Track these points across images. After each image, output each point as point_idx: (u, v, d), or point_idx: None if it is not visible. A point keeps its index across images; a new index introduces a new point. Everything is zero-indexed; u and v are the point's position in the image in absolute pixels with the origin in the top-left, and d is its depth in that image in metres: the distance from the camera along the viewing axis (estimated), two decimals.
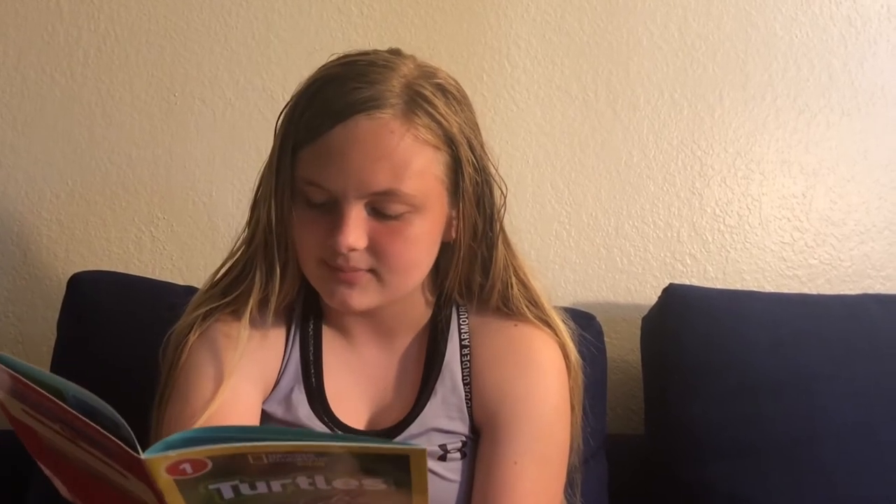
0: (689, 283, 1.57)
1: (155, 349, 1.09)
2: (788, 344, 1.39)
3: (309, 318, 1.09)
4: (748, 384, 1.37)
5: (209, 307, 1.05)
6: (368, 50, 1.03)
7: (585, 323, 1.37)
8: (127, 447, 0.64)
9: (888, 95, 1.61)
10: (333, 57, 1.02)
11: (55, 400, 0.67)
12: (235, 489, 0.66)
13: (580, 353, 1.12)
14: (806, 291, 1.60)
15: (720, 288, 1.55)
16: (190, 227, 1.61)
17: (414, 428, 1.05)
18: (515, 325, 1.08)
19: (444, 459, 1.04)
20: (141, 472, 0.65)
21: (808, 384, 1.36)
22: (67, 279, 1.45)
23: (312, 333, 1.09)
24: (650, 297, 1.56)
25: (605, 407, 1.44)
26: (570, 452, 1.09)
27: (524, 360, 1.06)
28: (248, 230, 1.06)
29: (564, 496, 1.11)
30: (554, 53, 1.60)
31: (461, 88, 1.03)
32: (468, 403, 1.06)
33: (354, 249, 0.96)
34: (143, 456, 0.64)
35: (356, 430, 1.06)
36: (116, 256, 1.62)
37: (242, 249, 1.06)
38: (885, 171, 1.62)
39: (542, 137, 1.61)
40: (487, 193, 1.03)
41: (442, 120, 0.98)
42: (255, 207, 1.04)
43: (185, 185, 1.61)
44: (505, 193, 1.06)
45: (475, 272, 1.07)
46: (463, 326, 1.09)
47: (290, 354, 1.08)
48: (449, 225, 1.03)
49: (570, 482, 1.12)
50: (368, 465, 0.66)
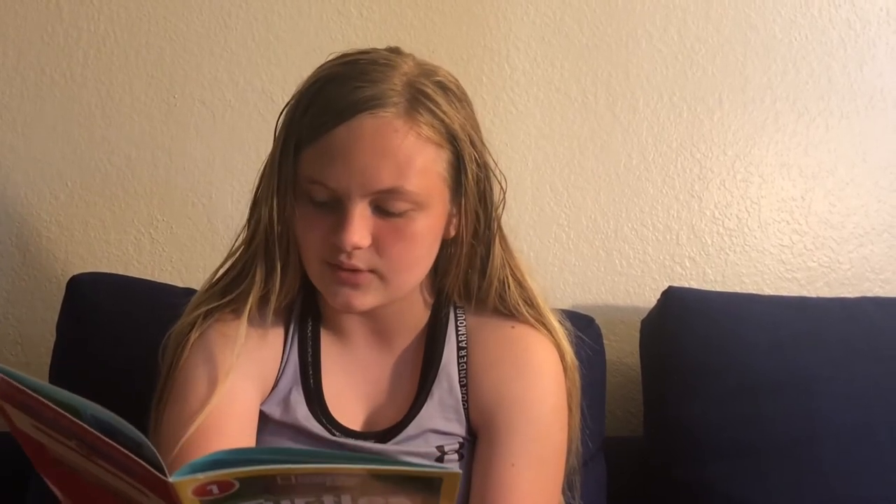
0: (688, 285, 1.58)
1: (154, 350, 1.09)
2: (787, 346, 1.39)
3: (307, 318, 1.09)
4: (747, 386, 1.37)
5: (209, 307, 1.05)
6: (368, 49, 1.03)
7: (584, 325, 1.38)
8: (153, 469, 0.63)
9: (887, 98, 1.61)
10: (333, 56, 1.03)
11: (74, 419, 0.66)
12: None
13: (577, 354, 1.12)
14: (805, 294, 1.60)
15: (719, 290, 1.55)
16: (189, 228, 1.61)
17: (411, 429, 1.05)
18: (512, 326, 1.08)
19: (441, 461, 1.04)
20: (165, 492, 0.64)
21: (807, 386, 1.36)
22: (67, 281, 1.44)
23: (311, 334, 1.09)
24: (649, 299, 1.56)
25: (604, 409, 1.44)
26: (568, 454, 1.09)
27: (521, 362, 1.06)
28: (248, 229, 1.06)
29: (563, 498, 1.11)
30: (553, 56, 1.60)
31: (461, 86, 1.04)
32: (465, 405, 1.06)
33: (359, 247, 0.96)
34: (170, 479, 0.63)
35: (354, 431, 1.06)
36: (116, 258, 1.62)
37: (242, 249, 1.06)
38: (884, 173, 1.62)
39: (541, 140, 1.61)
40: (489, 190, 1.04)
41: (444, 117, 0.98)
42: (255, 206, 1.04)
43: (184, 186, 1.61)
44: (505, 189, 1.06)
45: (473, 271, 1.07)
46: (461, 328, 1.09)
47: (288, 355, 1.08)
48: (448, 222, 1.03)
49: (569, 484, 1.12)
50: (397, 485, 0.66)
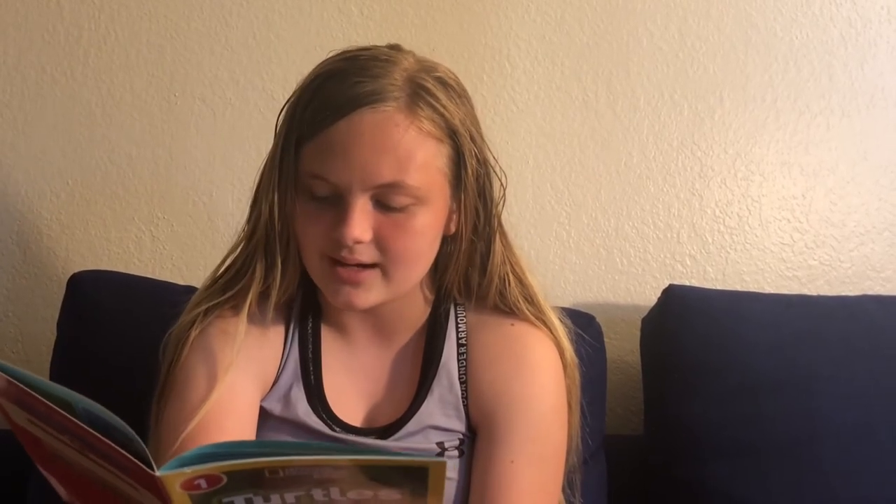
0: (688, 283, 1.57)
1: (155, 348, 1.09)
2: (788, 345, 1.39)
3: (308, 315, 1.09)
4: (748, 385, 1.37)
5: (209, 304, 1.05)
6: (368, 46, 1.03)
7: (585, 323, 1.37)
8: (141, 463, 0.64)
9: (888, 97, 1.61)
10: (333, 53, 1.03)
11: (66, 414, 0.66)
12: (249, 502, 0.66)
13: (577, 352, 1.12)
14: (806, 292, 1.60)
15: (720, 289, 1.55)
16: (190, 226, 1.61)
17: (411, 426, 1.05)
18: (512, 324, 1.08)
19: (441, 457, 1.04)
20: (154, 487, 0.64)
21: (807, 385, 1.36)
22: (67, 278, 1.45)
23: (311, 331, 1.09)
24: (650, 297, 1.56)
25: (604, 407, 1.44)
26: (568, 452, 1.09)
27: (520, 359, 1.06)
28: (248, 226, 1.06)
29: (563, 496, 1.11)
30: (554, 54, 1.60)
31: (461, 82, 1.04)
32: (464, 402, 1.06)
33: (360, 242, 0.96)
34: (158, 473, 0.63)
35: (354, 427, 1.07)
36: (116, 256, 1.62)
37: (242, 245, 1.06)
38: (885, 172, 1.61)
39: (541, 138, 1.61)
40: (488, 186, 1.04)
41: (444, 112, 0.98)
42: (255, 203, 1.04)
43: (185, 184, 1.61)
44: (505, 185, 1.07)
45: (473, 267, 1.07)
46: (461, 325, 1.09)
47: (289, 352, 1.08)
48: (449, 218, 1.04)
49: (569, 482, 1.12)
50: (385, 476, 0.66)
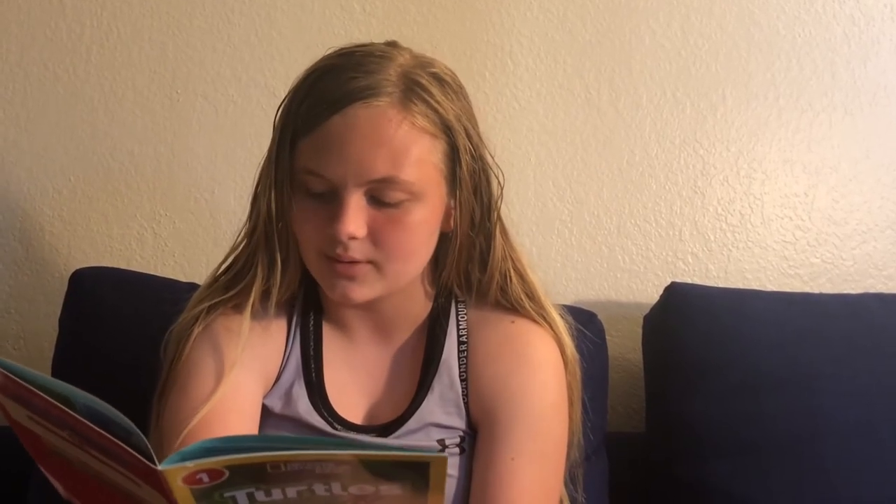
0: (690, 281, 1.57)
1: (157, 345, 1.09)
2: (790, 343, 1.39)
3: (309, 312, 1.09)
4: (749, 383, 1.37)
5: (212, 301, 1.06)
6: (365, 42, 1.03)
7: (587, 321, 1.37)
8: (142, 457, 0.64)
9: (891, 95, 1.61)
10: (331, 50, 1.03)
11: (65, 409, 0.66)
12: (250, 496, 0.66)
13: (578, 348, 1.12)
14: (808, 290, 1.60)
15: (722, 287, 1.55)
16: (192, 223, 1.61)
17: (412, 423, 1.05)
18: (513, 321, 1.08)
19: (442, 452, 1.04)
20: (155, 481, 0.64)
21: (809, 383, 1.36)
22: (69, 275, 1.45)
23: (313, 328, 1.09)
24: (652, 295, 1.55)
25: (605, 405, 1.43)
26: (570, 447, 1.09)
27: (521, 356, 1.06)
28: (248, 223, 1.06)
29: (566, 491, 1.12)
30: (556, 51, 1.60)
31: (457, 79, 1.04)
32: (465, 399, 1.06)
33: (354, 238, 0.96)
34: (159, 467, 0.63)
35: (355, 424, 1.07)
36: (118, 253, 1.62)
37: (244, 243, 1.07)
38: (887, 170, 1.61)
39: (544, 135, 1.61)
40: (484, 182, 1.04)
41: (438, 107, 0.98)
42: (255, 200, 1.05)
43: (187, 181, 1.61)
44: (502, 183, 1.06)
45: (473, 264, 1.07)
46: (461, 322, 1.09)
47: (291, 349, 1.08)
48: (448, 215, 1.03)
49: (571, 477, 1.12)
50: (387, 471, 0.66)
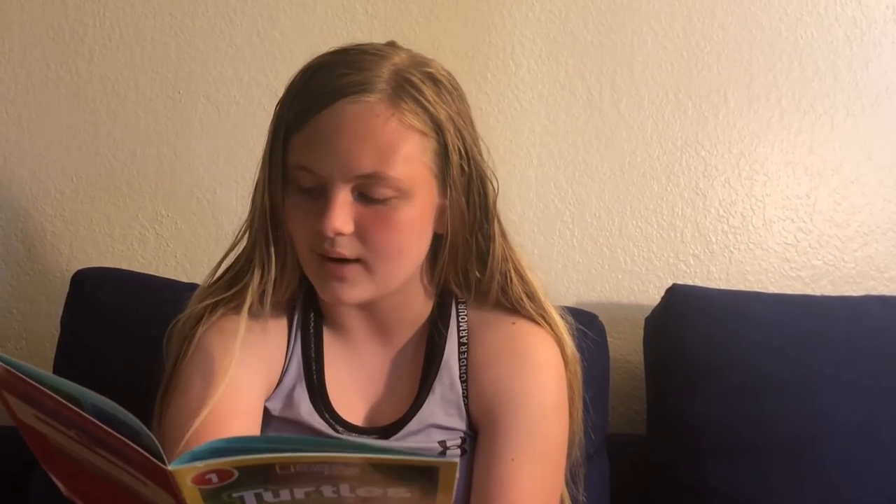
0: (692, 283, 1.57)
1: (158, 346, 1.09)
2: (791, 344, 1.39)
3: (309, 314, 1.09)
4: (750, 384, 1.37)
5: (214, 300, 1.05)
6: (364, 42, 1.03)
7: (588, 322, 1.37)
8: (152, 457, 0.64)
9: (893, 97, 1.60)
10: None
11: (75, 409, 0.66)
12: (258, 497, 0.66)
13: (579, 348, 1.12)
14: (809, 292, 1.59)
15: (723, 288, 1.55)
16: (194, 224, 1.62)
17: (413, 425, 1.05)
18: (513, 322, 1.08)
19: (443, 456, 1.04)
20: (164, 481, 0.64)
21: (810, 384, 1.36)
22: (71, 276, 1.45)
23: (313, 330, 1.09)
24: (653, 297, 1.55)
25: (607, 406, 1.44)
26: (571, 446, 1.09)
27: (522, 357, 1.06)
28: (247, 222, 1.06)
29: (567, 491, 1.12)
30: (558, 53, 1.60)
31: (454, 81, 1.03)
32: (465, 400, 1.06)
33: (341, 233, 0.96)
34: (169, 467, 0.63)
35: (356, 426, 1.07)
36: (120, 253, 1.62)
37: (243, 240, 1.07)
38: (889, 172, 1.61)
39: (545, 137, 1.61)
40: (478, 184, 1.03)
41: (429, 106, 0.98)
42: (253, 199, 1.05)
43: (189, 182, 1.61)
44: (496, 188, 1.05)
45: (472, 264, 1.06)
46: (462, 324, 1.09)
47: (292, 351, 1.08)
48: (441, 215, 1.03)
49: (573, 476, 1.12)
50: (396, 473, 0.66)
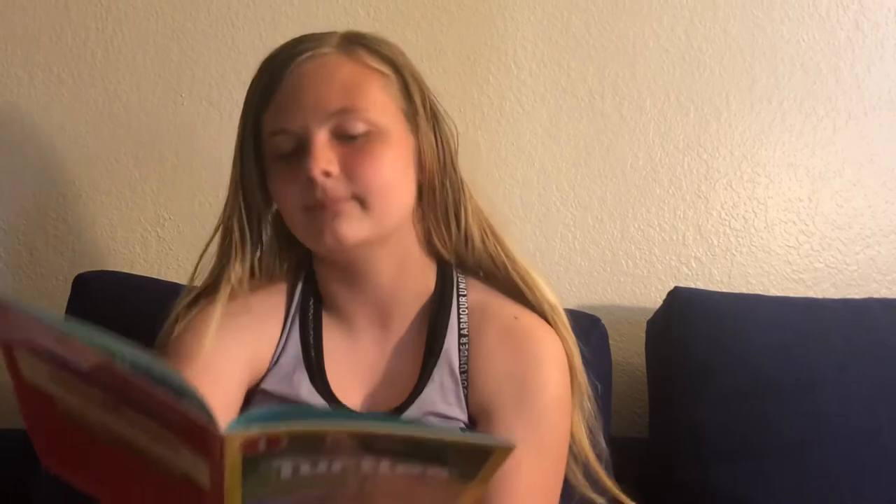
0: (694, 286, 1.57)
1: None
2: (793, 347, 1.39)
3: (308, 302, 1.10)
4: (753, 387, 1.37)
5: (191, 297, 1.08)
6: None
7: (590, 325, 1.38)
8: (200, 421, 0.59)
9: (895, 100, 1.61)
10: None
11: (113, 364, 0.60)
12: (295, 469, 0.63)
13: (580, 350, 1.11)
14: (811, 295, 1.60)
15: (725, 291, 1.55)
16: (196, 227, 1.62)
17: (412, 412, 1.05)
18: (515, 317, 1.08)
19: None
20: (205, 447, 0.60)
21: (813, 387, 1.36)
22: (73, 279, 1.45)
23: (312, 317, 1.10)
24: (655, 300, 1.56)
25: (609, 410, 1.43)
26: (577, 438, 1.08)
27: (523, 350, 1.06)
28: (222, 214, 1.10)
29: (587, 482, 1.10)
30: (560, 56, 1.60)
31: (402, 51, 1.09)
32: (465, 391, 1.06)
33: (328, 173, 0.99)
34: (224, 432, 0.59)
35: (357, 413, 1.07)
36: (122, 257, 1.62)
37: (219, 232, 1.10)
38: (891, 175, 1.61)
39: (547, 140, 1.61)
40: (442, 125, 1.08)
41: (381, 49, 1.05)
42: (228, 194, 1.09)
43: (191, 185, 1.62)
44: (456, 133, 1.09)
45: (449, 219, 1.09)
46: (462, 316, 1.09)
47: (289, 333, 1.09)
48: (418, 158, 1.06)
49: (601, 461, 1.10)
50: (443, 454, 0.64)
